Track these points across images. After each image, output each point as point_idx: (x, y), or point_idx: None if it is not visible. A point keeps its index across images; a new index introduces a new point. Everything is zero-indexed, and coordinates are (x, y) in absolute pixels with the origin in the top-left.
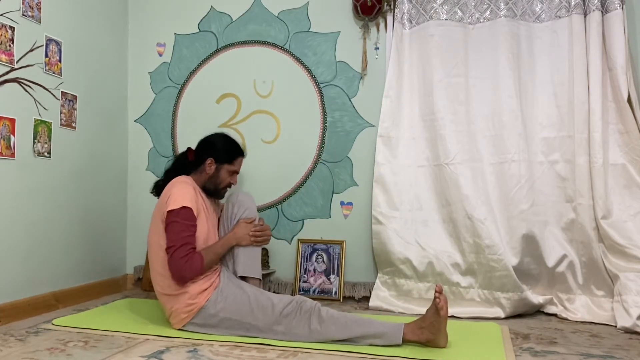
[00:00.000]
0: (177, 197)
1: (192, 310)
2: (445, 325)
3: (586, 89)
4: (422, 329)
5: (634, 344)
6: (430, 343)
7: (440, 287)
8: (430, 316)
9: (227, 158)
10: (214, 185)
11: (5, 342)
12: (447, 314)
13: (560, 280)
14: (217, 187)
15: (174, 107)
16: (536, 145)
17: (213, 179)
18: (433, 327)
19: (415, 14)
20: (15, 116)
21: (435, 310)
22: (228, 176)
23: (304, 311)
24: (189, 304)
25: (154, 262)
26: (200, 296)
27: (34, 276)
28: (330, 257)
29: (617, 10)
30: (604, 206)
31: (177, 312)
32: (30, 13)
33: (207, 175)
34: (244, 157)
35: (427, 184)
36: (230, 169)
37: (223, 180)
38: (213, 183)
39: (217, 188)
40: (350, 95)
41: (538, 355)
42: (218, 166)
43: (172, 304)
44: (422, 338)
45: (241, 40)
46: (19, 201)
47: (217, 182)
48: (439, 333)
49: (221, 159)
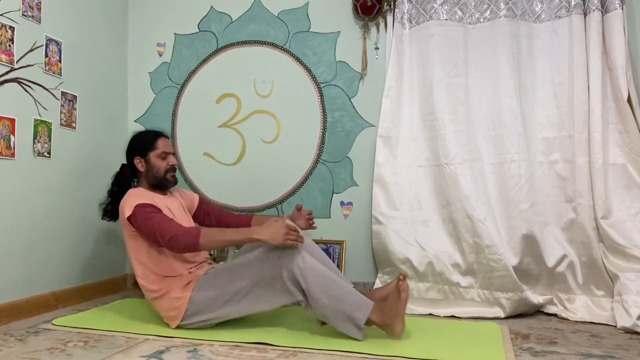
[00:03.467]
0: (127, 204)
1: (181, 305)
2: (404, 310)
3: (586, 89)
4: (382, 312)
5: (634, 344)
6: (387, 328)
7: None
8: (392, 300)
9: (147, 146)
10: (155, 177)
11: (5, 342)
12: (407, 298)
13: (560, 280)
14: (159, 176)
15: (174, 107)
16: (536, 145)
17: (151, 172)
18: (392, 310)
19: (415, 14)
20: (15, 116)
21: (397, 293)
22: (161, 160)
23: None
24: (177, 298)
25: (135, 272)
26: (185, 289)
27: (34, 276)
28: (330, 257)
29: (617, 10)
30: (604, 206)
31: (167, 311)
32: (30, 13)
33: (144, 173)
34: (165, 137)
35: (427, 184)
36: (157, 153)
37: (158, 166)
38: (153, 176)
39: (159, 177)
40: (350, 95)
41: (538, 355)
42: (146, 159)
43: (160, 306)
44: (380, 321)
45: (241, 40)
46: (19, 201)
47: (154, 172)
48: (396, 317)
49: (143, 150)
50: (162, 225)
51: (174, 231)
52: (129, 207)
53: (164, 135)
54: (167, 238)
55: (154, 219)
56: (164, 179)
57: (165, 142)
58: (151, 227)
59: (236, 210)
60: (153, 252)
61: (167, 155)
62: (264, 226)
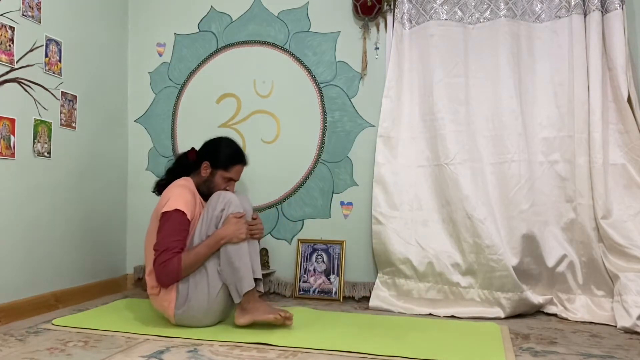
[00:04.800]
0: (173, 200)
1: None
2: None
3: (586, 89)
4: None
5: (634, 344)
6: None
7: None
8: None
9: (223, 164)
10: (208, 190)
11: (5, 342)
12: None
13: (560, 280)
14: (211, 192)
15: (174, 107)
16: (536, 145)
17: (207, 183)
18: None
19: (415, 14)
20: (15, 116)
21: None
22: (223, 182)
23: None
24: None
25: (148, 262)
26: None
27: (34, 276)
28: (330, 257)
29: (617, 10)
30: (604, 206)
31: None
32: (30, 13)
33: (202, 178)
34: (244, 166)
35: (427, 184)
36: (225, 175)
37: (217, 185)
38: (207, 187)
39: (210, 193)
40: (350, 95)
41: (538, 355)
42: (213, 171)
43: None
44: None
45: (241, 40)
46: (19, 201)
47: (210, 186)
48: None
49: (217, 164)
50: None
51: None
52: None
53: (244, 164)
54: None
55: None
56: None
57: (239, 170)
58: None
59: None
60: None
61: (231, 182)
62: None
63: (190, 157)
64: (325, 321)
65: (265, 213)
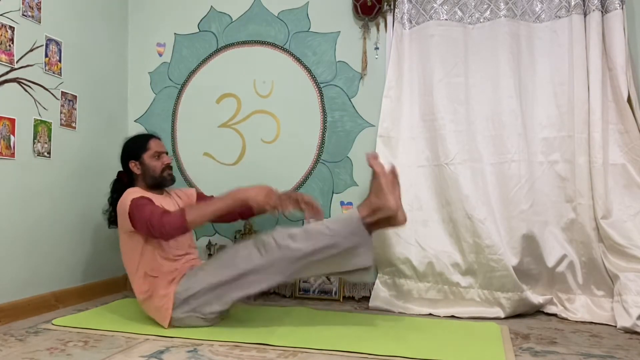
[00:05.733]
0: (125, 201)
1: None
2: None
3: (586, 88)
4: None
5: (634, 344)
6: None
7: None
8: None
9: (140, 149)
10: (152, 177)
11: (5, 342)
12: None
13: (560, 280)
14: (156, 175)
15: (174, 107)
16: (536, 145)
17: (147, 173)
18: (374, 190)
19: (415, 14)
20: (15, 116)
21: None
22: (155, 160)
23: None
24: (162, 295)
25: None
26: (170, 287)
27: (34, 276)
28: None
29: (617, 10)
30: (604, 206)
31: (156, 310)
32: (30, 13)
33: (141, 176)
34: (156, 138)
35: (427, 184)
36: (150, 153)
37: (154, 166)
38: (150, 176)
39: (156, 176)
40: (350, 95)
41: (538, 355)
42: (140, 161)
43: (150, 307)
44: (372, 205)
45: (241, 40)
46: (19, 201)
47: (151, 172)
48: (381, 194)
49: (137, 154)
50: (153, 215)
51: (163, 218)
52: (125, 202)
53: (154, 137)
54: (157, 225)
55: (146, 210)
56: (161, 177)
57: (157, 142)
58: (144, 218)
59: None
60: (146, 251)
61: (160, 154)
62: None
63: (122, 176)
64: (325, 321)
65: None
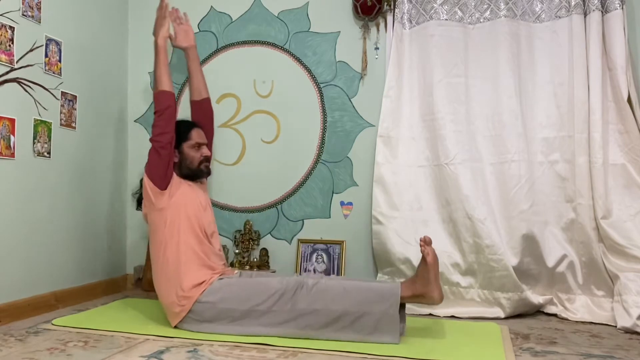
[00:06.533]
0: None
1: (185, 305)
2: (435, 275)
3: (586, 89)
4: (414, 283)
5: (634, 344)
6: (425, 297)
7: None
8: (421, 269)
9: (181, 137)
10: (189, 167)
11: (5, 342)
12: (435, 262)
13: (560, 280)
14: (193, 167)
15: None
16: (536, 145)
17: (184, 163)
18: (423, 278)
19: (415, 14)
20: (15, 116)
21: (422, 260)
22: (195, 151)
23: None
24: (183, 296)
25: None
26: (194, 290)
27: (34, 276)
28: (330, 257)
29: (617, 10)
30: (604, 206)
31: (171, 306)
32: (30, 13)
33: (177, 164)
34: (198, 127)
35: (427, 184)
36: (191, 144)
37: (192, 157)
38: (187, 167)
39: (193, 167)
40: (350, 95)
41: (538, 355)
42: (179, 149)
43: (166, 297)
44: (416, 291)
45: (241, 40)
46: (19, 201)
47: (188, 163)
48: (429, 284)
49: (177, 141)
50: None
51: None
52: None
53: (197, 126)
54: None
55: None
56: (198, 169)
57: (199, 132)
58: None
59: (236, 210)
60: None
61: (200, 145)
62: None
63: None
64: None
65: (265, 213)
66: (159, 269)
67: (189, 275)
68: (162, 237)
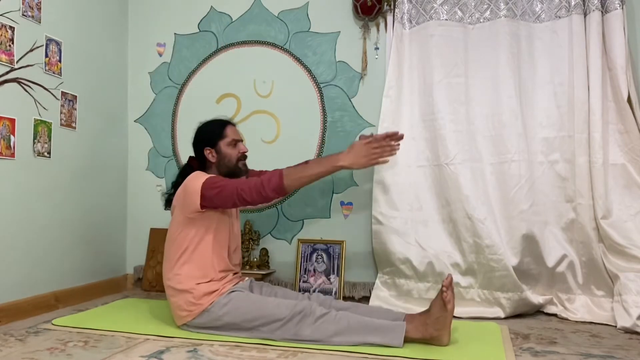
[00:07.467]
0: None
1: (193, 311)
2: (451, 321)
3: (586, 89)
4: (426, 326)
5: (634, 344)
6: (434, 340)
7: (449, 280)
8: (437, 311)
9: (217, 135)
10: (227, 166)
11: (5, 342)
12: (452, 307)
13: (560, 280)
14: (231, 165)
15: (174, 107)
16: (536, 145)
17: (223, 162)
18: (438, 322)
19: (415, 14)
20: (15, 116)
21: (442, 304)
22: (232, 149)
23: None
24: (192, 303)
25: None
26: (204, 299)
27: (34, 276)
28: (330, 257)
29: (617, 10)
30: (604, 206)
31: (179, 308)
32: (30, 13)
33: (215, 164)
34: (232, 125)
35: (427, 184)
36: (227, 141)
37: (230, 155)
38: (225, 165)
39: (231, 165)
40: (350, 95)
41: (538, 355)
42: (216, 148)
43: (175, 298)
44: (427, 335)
45: (241, 40)
46: (19, 201)
47: (226, 162)
48: (443, 329)
49: (213, 140)
50: (242, 183)
51: (257, 181)
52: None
53: (231, 123)
54: (254, 189)
55: (231, 181)
56: (236, 167)
57: (234, 129)
58: (231, 188)
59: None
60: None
61: (237, 142)
62: (345, 152)
63: (192, 162)
64: None
65: (265, 213)
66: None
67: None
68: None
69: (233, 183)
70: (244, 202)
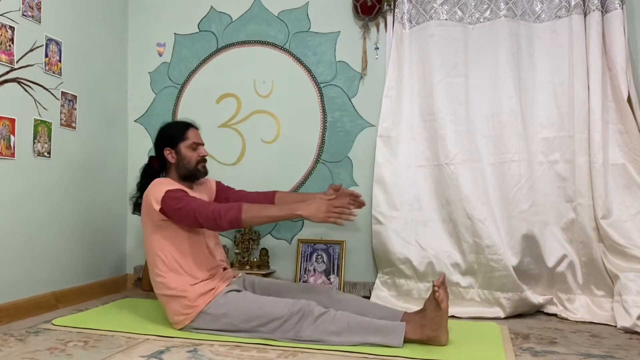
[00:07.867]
0: (156, 191)
1: (190, 314)
2: (447, 320)
3: (586, 89)
4: (423, 327)
5: (634, 344)
6: (432, 340)
7: (441, 280)
8: (431, 312)
9: (178, 137)
10: (186, 168)
11: (5, 342)
12: (448, 308)
13: (560, 280)
14: (190, 167)
15: (174, 107)
16: (536, 145)
17: (182, 164)
18: (434, 322)
19: (415, 14)
20: (15, 116)
21: (435, 304)
22: (192, 151)
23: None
24: (188, 305)
25: (151, 265)
26: (200, 299)
27: (34, 276)
28: (330, 257)
29: (617, 10)
30: (604, 206)
31: (175, 313)
32: (30, 13)
33: (175, 165)
34: (194, 128)
35: (427, 184)
36: (188, 143)
37: (189, 157)
38: (184, 167)
39: (190, 168)
40: (350, 95)
41: (538, 355)
42: (176, 150)
43: (170, 305)
44: (424, 336)
45: (241, 40)
46: (19, 201)
47: (185, 163)
48: (440, 329)
49: (173, 141)
50: (201, 206)
51: (216, 208)
52: (159, 193)
53: (193, 126)
54: (210, 216)
55: (191, 201)
56: (195, 170)
57: (196, 132)
58: (189, 209)
59: None
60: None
61: (197, 146)
62: (307, 202)
63: (153, 162)
64: None
65: None
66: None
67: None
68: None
69: (192, 204)
70: (199, 225)
